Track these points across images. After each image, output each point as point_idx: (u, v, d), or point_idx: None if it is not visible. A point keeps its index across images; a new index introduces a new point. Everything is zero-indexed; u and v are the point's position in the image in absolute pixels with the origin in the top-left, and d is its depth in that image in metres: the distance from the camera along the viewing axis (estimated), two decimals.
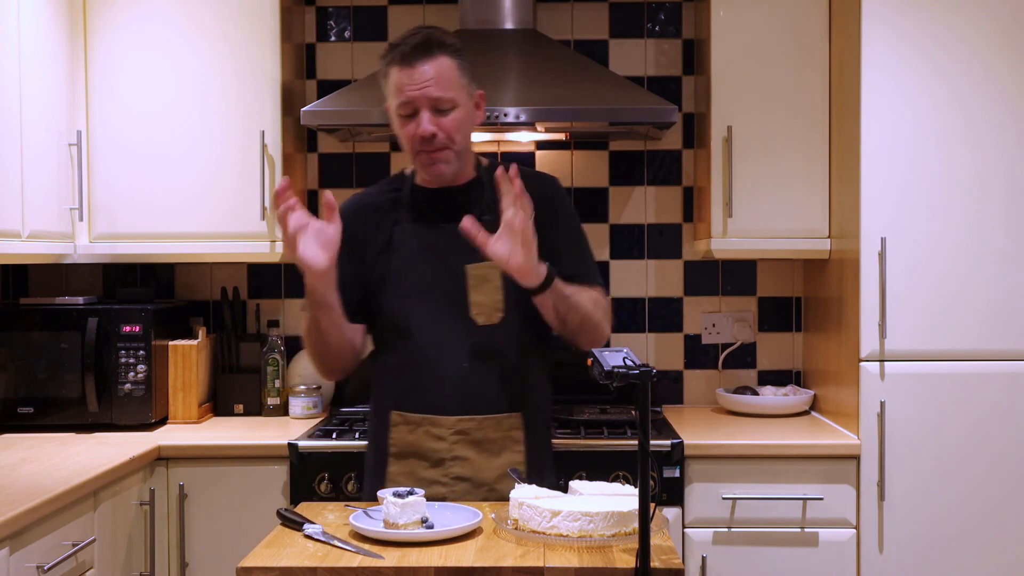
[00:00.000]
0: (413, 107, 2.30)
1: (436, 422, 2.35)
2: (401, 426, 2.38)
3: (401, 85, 2.30)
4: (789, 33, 3.31)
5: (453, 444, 2.35)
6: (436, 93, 2.28)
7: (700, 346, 3.74)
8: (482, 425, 2.35)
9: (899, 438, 3.00)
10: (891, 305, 3.00)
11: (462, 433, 2.35)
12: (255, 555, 1.89)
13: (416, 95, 2.28)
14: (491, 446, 2.36)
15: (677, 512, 3.02)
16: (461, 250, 2.33)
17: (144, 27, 3.32)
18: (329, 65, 3.73)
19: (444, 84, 2.29)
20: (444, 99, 2.29)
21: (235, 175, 3.32)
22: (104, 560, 2.69)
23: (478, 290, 2.36)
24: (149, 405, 3.27)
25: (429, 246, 2.38)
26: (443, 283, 2.37)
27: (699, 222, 3.58)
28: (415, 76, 2.28)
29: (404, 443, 2.38)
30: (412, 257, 2.39)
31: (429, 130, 2.29)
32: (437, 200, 2.41)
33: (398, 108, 2.32)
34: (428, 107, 2.29)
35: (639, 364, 1.81)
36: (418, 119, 2.30)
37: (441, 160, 2.33)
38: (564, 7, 3.71)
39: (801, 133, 3.31)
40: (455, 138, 2.32)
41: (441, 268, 2.37)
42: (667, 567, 1.82)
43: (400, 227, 2.41)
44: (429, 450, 2.36)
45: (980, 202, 3.01)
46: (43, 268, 3.70)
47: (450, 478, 2.34)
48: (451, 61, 2.31)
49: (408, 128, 2.32)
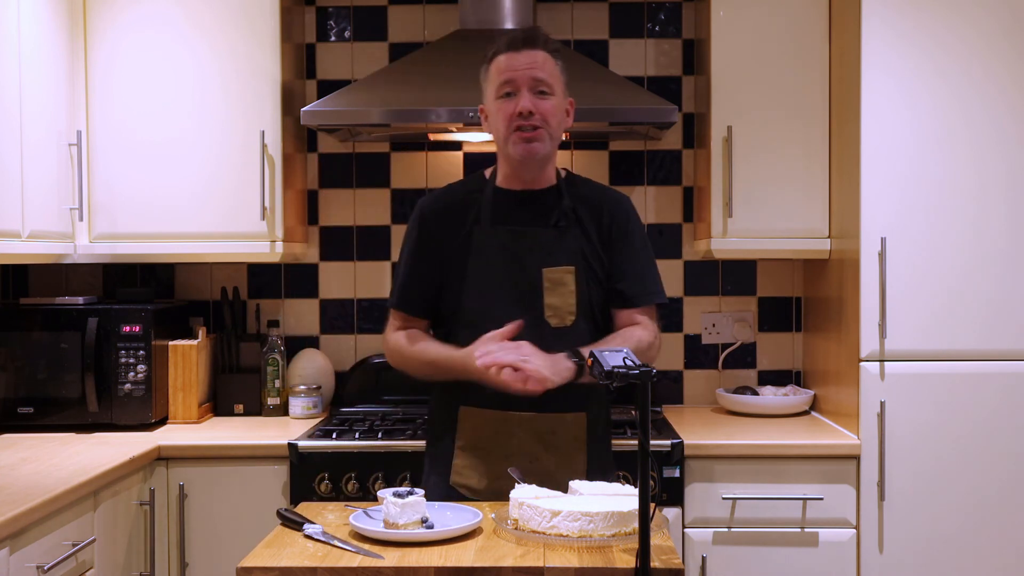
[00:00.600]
0: (515, 86, 2.39)
1: (506, 418, 2.40)
2: (469, 421, 2.44)
3: (504, 67, 2.40)
4: (789, 33, 3.31)
5: (521, 440, 2.41)
6: (539, 75, 2.39)
7: (700, 346, 3.73)
8: (550, 423, 2.41)
9: (899, 438, 3.00)
10: (891, 305, 3.00)
11: (530, 430, 2.40)
12: (255, 555, 1.89)
13: (519, 75, 2.39)
14: (558, 444, 2.42)
15: (677, 512, 3.02)
16: (538, 252, 2.44)
17: (144, 27, 3.32)
18: (329, 65, 3.73)
19: (546, 71, 2.41)
20: (545, 82, 2.40)
21: (235, 175, 3.32)
22: (104, 560, 2.68)
23: (553, 293, 2.43)
24: (149, 405, 3.27)
25: (507, 247, 2.45)
26: (519, 285, 2.44)
27: (699, 222, 3.58)
28: (521, 59, 2.39)
29: (473, 437, 2.44)
30: (490, 258, 2.45)
31: (528, 106, 2.38)
32: (518, 203, 2.49)
33: (499, 88, 2.40)
34: (529, 87, 2.39)
35: (639, 364, 1.81)
36: (518, 97, 2.38)
37: (536, 139, 2.40)
38: (564, 7, 3.71)
39: (801, 133, 3.31)
40: (550, 121, 2.41)
41: (518, 270, 2.44)
42: (667, 567, 1.82)
43: (480, 227, 2.46)
44: (498, 445, 2.41)
45: (980, 202, 3.01)
46: (43, 268, 3.70)
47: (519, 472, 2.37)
48: (553, 59, 2.43)
49: (507, 107, 2.40)
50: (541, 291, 2.43)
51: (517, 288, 2.43)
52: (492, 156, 3.74)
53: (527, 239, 2.45)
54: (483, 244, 2.46)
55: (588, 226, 2.48)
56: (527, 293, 2.43)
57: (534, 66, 2.39)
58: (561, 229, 2.45)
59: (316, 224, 3.73)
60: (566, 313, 2.43)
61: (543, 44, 2.43)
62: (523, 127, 2.39)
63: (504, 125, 2.41)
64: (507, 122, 2.40)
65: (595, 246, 2.48)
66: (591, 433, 2.47)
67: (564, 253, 2.45)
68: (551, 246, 2.45)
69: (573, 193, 2.51)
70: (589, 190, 2.56)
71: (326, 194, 3.73)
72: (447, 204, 2.54)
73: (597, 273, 2.48)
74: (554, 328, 2.42)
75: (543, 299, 2.43)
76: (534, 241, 2.45)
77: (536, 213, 2.48)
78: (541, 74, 2.40)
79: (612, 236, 2.49)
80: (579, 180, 2.58)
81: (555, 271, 2.43)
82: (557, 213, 2.47)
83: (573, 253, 2.45)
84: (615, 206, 2.53)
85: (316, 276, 3.74)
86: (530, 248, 2.44)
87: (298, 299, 3.73)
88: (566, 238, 2.45)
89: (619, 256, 2.50)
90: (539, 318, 2.41)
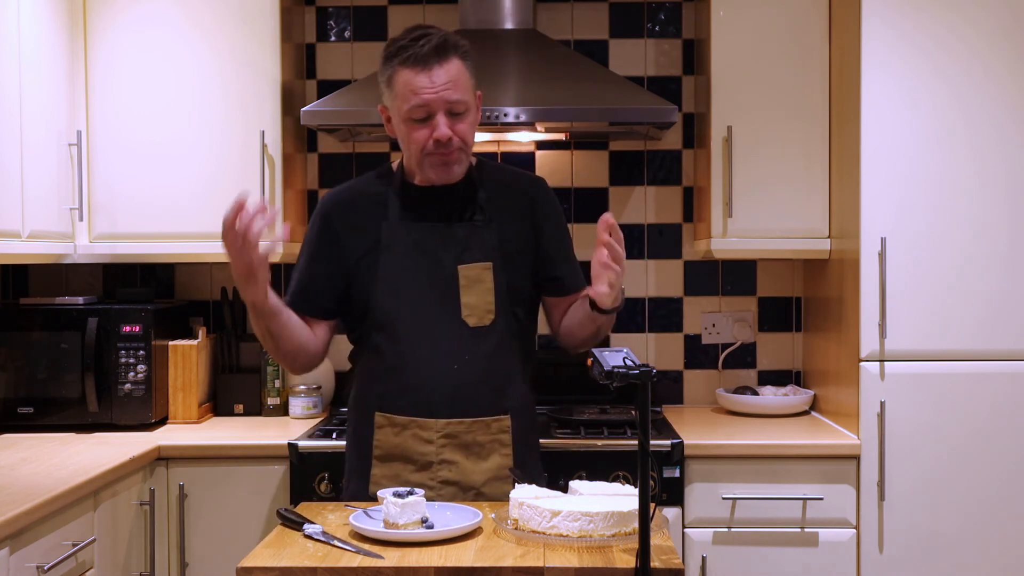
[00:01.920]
0: (429, 111, 2.24)
1: (424, 425, 2.32)
2: (386, 428, 2.35)
3: (416, 88, 2.23)
4: (789, 33, 3.31)
5: (441, 447, 2.32)
6: (454, 96, 2.24)
7: (700, 346, 3.73)
8: (471, 428, 2.33)
9: (899, 438, 3.01)
10: (891, 305, 3.00)
11: (450, 436, 2.32)
12: (255, 555, 1.89)
13: (433, 99, 2.23)
14: (479, 449, 2.34)
15: (677, 512, 3.02)
16: (453, 249, 2.32)
17: (144, 27, 3.32)
18: (329, 65, 3.73)
19: (460, 88, 2.26)
20: (460, 102, 2.26)
21: (235, 175, 3.32)
22: (104, 560, 2.69)
23: (470, 291, 2.32)
24: (149, 405, 3.27)
25: (420, 244, 2.34)
26: (434, 283, 2.33)
27: (699, 222, 3.58)
28: (433, 79, 2.23)
29: (389, 445, 2.35)
30: (401, 255, 2.34)
31: (446, 134, 2.24)
32: (429, 197, 2.37)
33: (410, 111, 2.25)
34: (445, 111, 2.25)
35: (639, 364, 1.80)
36: (433, 123, 2.25)
37: (454, 162, 2.29)
38: (564, 7, 3.71)
39: (801, 133, 3.31)
40: (468, 141, 2.30)
41: (432, 267, 2.33)
42: (667, 567, 1.82)
43: (389, 223, 2.36)
44: (416, 453, 2.33)
45: (980, 202, 3.01)
46: (43, 268, 3.70)
47: (437, 482, 2.32)
48: (462, 64, 2.28)
49: (421, 132, 2.26)
50: (457, 289, 2.32)
51: (431, 286, 2.32)
52: (491, 154, 3.76)
53: (440, 235, 2.33)
54: (393, 241, 2.34)
55: (507, 216, 2.37)
56: (442, 292, 2.32)
57: (447, 88, 2.23)
58: (476, 223, 2.33)
59: None
60: (484, 312, 2.32)
61: (452, 51, 2.25)
62: (440, 153, 2.26)
63: (416, 148, 2.28)
64: (420, 147, 2.27)
65: (517, 236, 2.37)
66: (517, 436, 2.37)
67: (480, 249, 2.33)
68: (466, 241, 2.33)
69: (487, 183, 2.39)
70: (504, 175, 2.46)
71: None
72: (353, 199, 2.41)
73: (522, 264, 2.37)
74: (472, 328, 2.32)
75: (459, 298, 2.32)
76: (448, 237, 2.32)
77: (449, 207, 2.35)
78: (455, 95, 2.24)
79: (536, 222, 2.38)
80: (491, 167, 2.47)
81: (472, 268, 2.32)
82: (472, 207, 2.36)
83: (490, 248, 2.34)
84: (535, 191, 2.43)
85: None
86: (444, 244, 2.33)
87: None
88: (482, 233, 2.34)
89: (548, 243, 2.40)
90: (456, 317, 2.31)
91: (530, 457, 2.44)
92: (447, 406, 2.31)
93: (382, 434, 2.35)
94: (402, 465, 2.34)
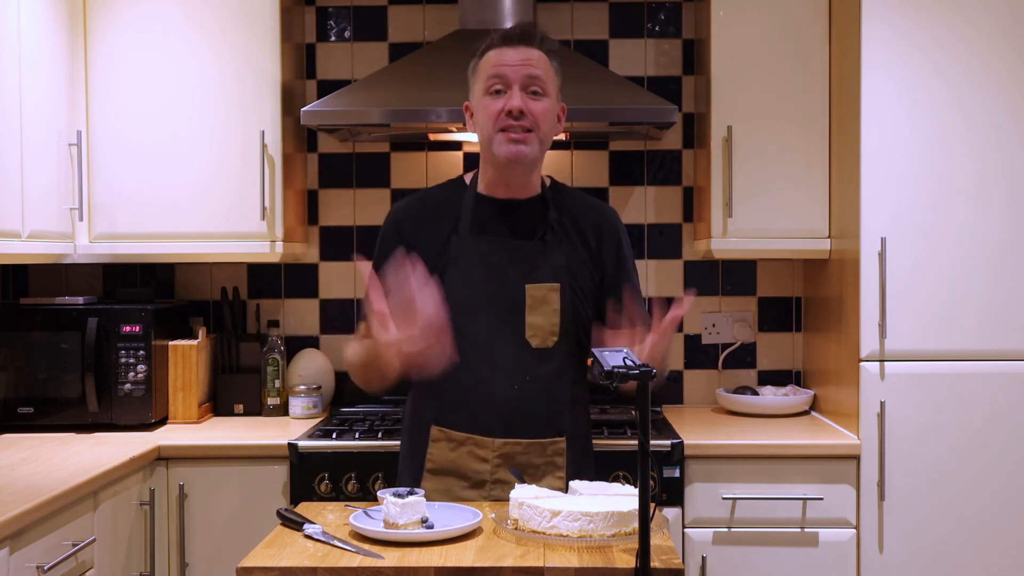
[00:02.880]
0: (506, 82, 2.23)
1: (480, 443, 2.29)
2: (442, 442, 2.32)
3: (497, 61, 2.24)
4: (789, 33, 3.31)
5: (496, 467, 2.29)
6: (533, 72, 2.24)
7: (700, 346, 3.74)
8: (527, 449, 2.30)
9: (899, 438, 3.01)
10: (891, 305, 3.00)
11: (506, 456, 2.29)
12: (255, 555, 1.89)
13: (511, 71, 2.23)
14: (534, 471, 2.30)
15: (677, 512, 3.02)
16: (521, 266, 2.28)
17: (144, 27, 3.32)
18: (329, 65, 3.73)
19: (541, 70, 2.26)
20: (539, 80, 2.25)
21: (235, 175, 3.32)
22: (104, 560, 2.68)
23: (536, 311, 2.28)
24: (149, 405, 3.27)
25: (488, 259, 2.29)
26: (500, 300, 2.28)
27: (699, 222, 3.58)
28: (515, 55, 2.24)
29: (443, 460, 2.32)
30: (470, 268, 2.29)
31: (518, 105, 2.21)
32: (501, 212, 2.33)
33: (488, 83, 2.25)
34: (521, 85, 2.24)
35: (639, 364, 1.80)
36: (508, 95, 2.23)
37: (524, 142, 2.23)
38: (564, 7, 3.71)
39: (801, 133, 3.31)
40: (541, 124, 2.25)
41: (499, 283, 2.28)
42: (667, 567, 1.82)
43: (458, 235, 2.31)
44: (470, 470, 2.30)
45: (980, 202, 3.01)
46: (43, 268, 3.70)
47: (491, 500, 2.29)
48: (547, 58, 2.28)
49: (495, 104, 2.23)
50: (523, 309, 2.27)
51: (496, 304, 2.27)
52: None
53: (509, 251, 2.29)
54: (461, 254, 2.29)
55: (577, 241, 2.34)
56: (507, 310, 2.27)
57: (529, 63, 2.23)
58: (547, 243, 2.29)
59: (316, 224, 3.73)
60: (548, 334, 2.28)
61: (540, 42, 2.27)
62: (512, 127, 2.22)
63: (491, 123, 2.24)
64: (494, 120, 2.23)
65: (585, 262, 2.33)
66: (572, 460, 2.34)
67: (549, 269, 2.29)
68: (535, 260, 2.29)
69: (560, 204, 2.36)
70: (578, 201, 2.42)
71: (326, 194, 3.73)
72: (424, 209, 2.38)
73: (587, 290, 2.33)
74: (535, 349, 2.28)
75: (525, 317, 2.27)
76: (517, 254, 2.28)
77: (520, 224, 2.31)
78: (536, 71, 2.24)
79: (603, 253, 2.35)
80: (566, 189, 2.45)
81: (539, 288, 2.28)
82: (543, 225, 2.32)
83: (559, 269, 2.29)
84: (607, 221, 2.40)
85: (316, 276, 3.74)
86: (512, 261, 2.28)
87: (298, 299, 3.73)
88: (552, 252, 2.30)
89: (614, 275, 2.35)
90: (520, 337, 2.27)
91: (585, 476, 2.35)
92: (504, 426, 2.28)
93: (437, 448, 2.32)
94: (455, 480, 2.31)
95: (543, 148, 2.30)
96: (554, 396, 2.32)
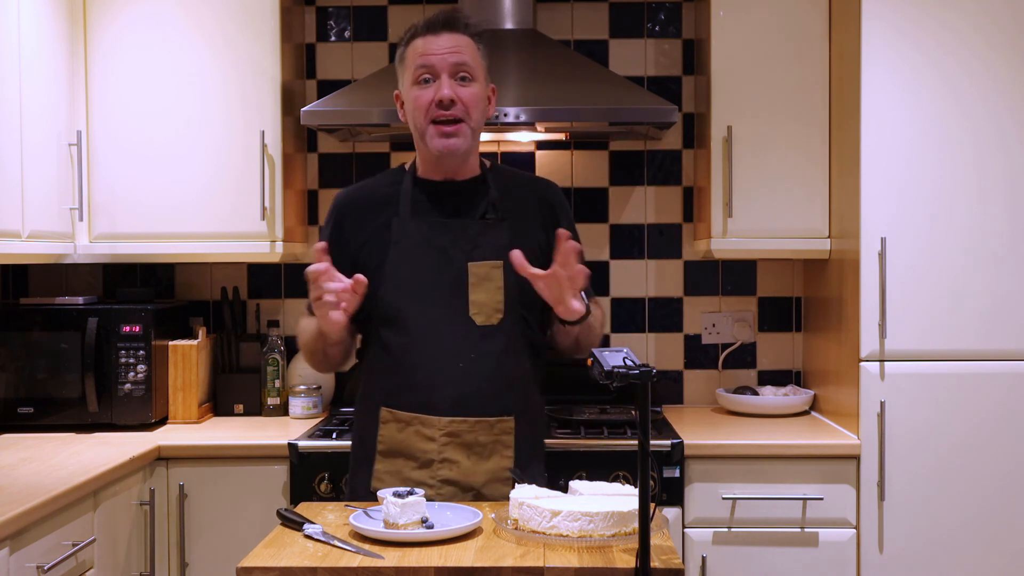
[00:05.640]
0: (434, 71, 2.27)
1: (427, 422, 2.31)
2: (391, 424, 2.34)
3: (423, 51, 2.28)
4: (789, 33, 3.31)
5: (443, 446, 2.31)
6: (459, 59, 2.27)
7: (700, 346, 3.74)
8: (474, 428, 2.31)
9: (899, 438, 3.01)
10: (891, 305, 3.00)
11: (453, 435, 2.31)
12: (255, 555, 1.89)
13: (437, 60, 2.26)
14: (481, 450, 2.32)
15: (677, 512, 3.02)
16: (463, 246, 2.31)
17: (144, 27, 3.32)
18: (329, 65, 3.73)
19: (467, 56, 2.28)
20: (467, 66, 2.27)
21: (235, 175, 3.32)
22: (104, 560, 2.69)
23: (479, 289, 2.31)
24: (149, 405, 3.27)
25: (430, 240, 2.33)
26: (442, 280, 2.31)
27: (699, 222, 3.58)
28: (440, 43, 2.27)
29: (392, 441, 2.34)
30: (411, 251, 2.33)
31: (448, 94, 2.25)
32: (440, 194, 2.37)
33: (415, 73, 2.28)
34: (449, 73, 2.27)
35: (639, 364, 1.80)
36: (436, 84, 2.27)
37: (455, 134, 2.28)
38: (564, 7, 3.71)
39: (801, 133, 3.31)
40: (471, 112, 2.29)
41: (441, 264, 2.32)
42: (667, 567, 1.82)
43: (399, 220, 2.35)
44: (418, 450, 2.32)
45: (980, 202, 3.01)
46: (43, 268, 3.70)
47: (437, 480, 2.31)
48: (472, 41, 2.32)
49: (424, 95, 2.28)
50: (466, 287, 2.30)
51: (439, 283, 2.30)
52: (491, 154, 3.75)
53: (450, 231, 2.32)
54: (402, 236, 2.33)
55: (519, 217, 2.36)
56: (451, 289, 2.30)
57: (455, 50, 2.26)
58: (488, 222, 2.31)
59: (316, 224, 3.73)
60: (492, 311, 2.30)
61: (464, 27, 2.30)
62: (442, 119, 2.26)
63: (422, 115, 2.28)
64: (425, 111, 2.27)
65: (529, 237, 2.33)
66: (520, 438, 2.34)
67: (491, 247, 2.31)
68: (477, 239, 2.32)
69: (500, 183, 2.38)
70: (518, 178, 2.47)
71: (326, 194, 3.73)
72: (364, 197, 2.42)
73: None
74: (480, 327, 2.30)
75: (468, 295, 2.30)
76: (458, 234, 2.30)
77: (460, 204, 2.34)
78: (463, 58, 2.27)
79: (548, 226, 2.34)
80: (505, 170, 2.48)
81: (481, 266, 2.30)
82: (484, 204, 2.34)
83: (501, 247, 2.29)
84: (549, 194, 2.43)
85: None
86: (453, 241, 2.31)
87: (298, 299, 3.73)
88: (494, 231, 2.32)
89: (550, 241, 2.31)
90: (464, 315, 2.29)
91: (533, 461, 2.40)
92: (451, 404, 2.30)
93: (386, 429, 2.35)
94: (404, 461, 2.33)
95: (476, 134, 2.34)
96: (501, 374, 2.33)
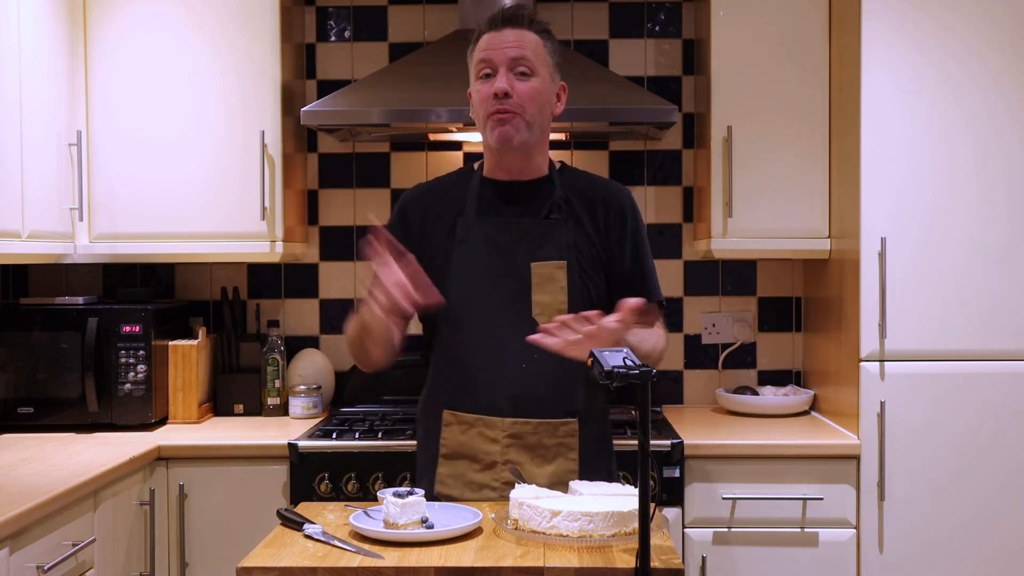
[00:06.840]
0: (493, 65, 2.27)
1: (490, 423, 2.28)
2: (453, 426, 2.31)
3: (484, 46, 2.29)
4: (789, 33, 3.31)
5: (506, 447, 2.28)
6: (518, 53, 2.26)
7: (700, 346, 3.74)
8: (537, 430, 2.28)
9: (899, 438, 3.01)
10: (891, 305, 3.00)
11: (516, 437, 2.28)
12: (255, 555, 1.89)
13: (497, 53, 2.26)
14: (545, 452, 2.29)
15: (677, 512, 3.02)
16: (527, 246, 2.29)
17: (144, 27, 3.32)
18: (329, 65, 3.73)
19: (528, 50, 2.27)
20: (523, 60, 2.26)
21: (235, 175, 3.32)
22: (104, 560, 2.69)
23: (542, 289, 2.28)
24: (149, 405, 3.27)
25: (493, 240, 2.31)
26: (506, 279, 2.29)
27: (699, 222, 3.58)
28: (501, 38, 2.27)
29: (455, 443, 2.31)
30: (475, 250, 2.31)
31: (502, 87, 2.24)
32: (505, 193, 2.35)
33: (477, 68, 2.29)
34: (506, 67, 2.26)
35: (639, 364, 1.80)
36: (496, 78, 2.26)
37: (509, 122, 2.25)
38: (564, 7, 3.71)
39: (801, 133, 3.31)
40: (527, 106, 2.26)
41: (505, 263, 2.29)
42: (667, 567, 1.82)
43: (464, 218, 2.33)
44: (481, 452, 2.29)
45: (980, 202, 3.01)
46: (43, 268, 3.70)
47: (501, 483, 2.28)
48: (538, 38, 2.31)
49: (485, 88, 2.27)
50: (529, 287, 2.28)
51: (503, 283, 2.28)
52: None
53: (514, 231, 2.30)
54: (467, 235, 2.31)
55: (584, 219, 2.34)
56: (513, 289, 2.28)
57: (515, 44, 2.26)
58: (552, 222, 2.29)
59: (316, 224, 3.74)
60: (556, 311, 2.24)
61: (527, 23, 2.29)
62: (497, 111, 2.25)
63: (482, 108, 2.27)
64: (484, 104, 2.26)
65: (592, 240, 2.33)
66: (585, 441, 2.32)
67: (555, 247, 2.30)
68: (541, 239, 2.30)
69: (567, 185, 2.36)
70: (587, 182, 2.42)
71: (326, 194, 3.73)
72: (431, 195, 2.41)
73: (597, 268, 2.33)
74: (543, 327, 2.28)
75: (531, 295, 2.28)
76: (522, 233, 2.29)
77: (525, 204, 2.33)
78: (521, 52, 2.25)
79: (610, 231, 2.34)
80: (576, 172, 2.45)
81: (544, 266, 2.28)
82: (548, 204, 2.32)
83: (565, 247, 2.30)
84: (616, 199, 2.39)
85: (316, 276, 3.74)
86: (517, 240, 2.29)
87: (298, 299, 3.73)
88: (558, 231, 2.30)
89: (625, 254, 2.35)
90: (526, 315, 2.26)
91: (599, 464, 2.36)
92: (513, 406, 2.27)
93: (449, 432, 2.32)
94: (467, 464, 2.31)
95: (534, 130, 2.30)
96: (565, 376, 2.29)
